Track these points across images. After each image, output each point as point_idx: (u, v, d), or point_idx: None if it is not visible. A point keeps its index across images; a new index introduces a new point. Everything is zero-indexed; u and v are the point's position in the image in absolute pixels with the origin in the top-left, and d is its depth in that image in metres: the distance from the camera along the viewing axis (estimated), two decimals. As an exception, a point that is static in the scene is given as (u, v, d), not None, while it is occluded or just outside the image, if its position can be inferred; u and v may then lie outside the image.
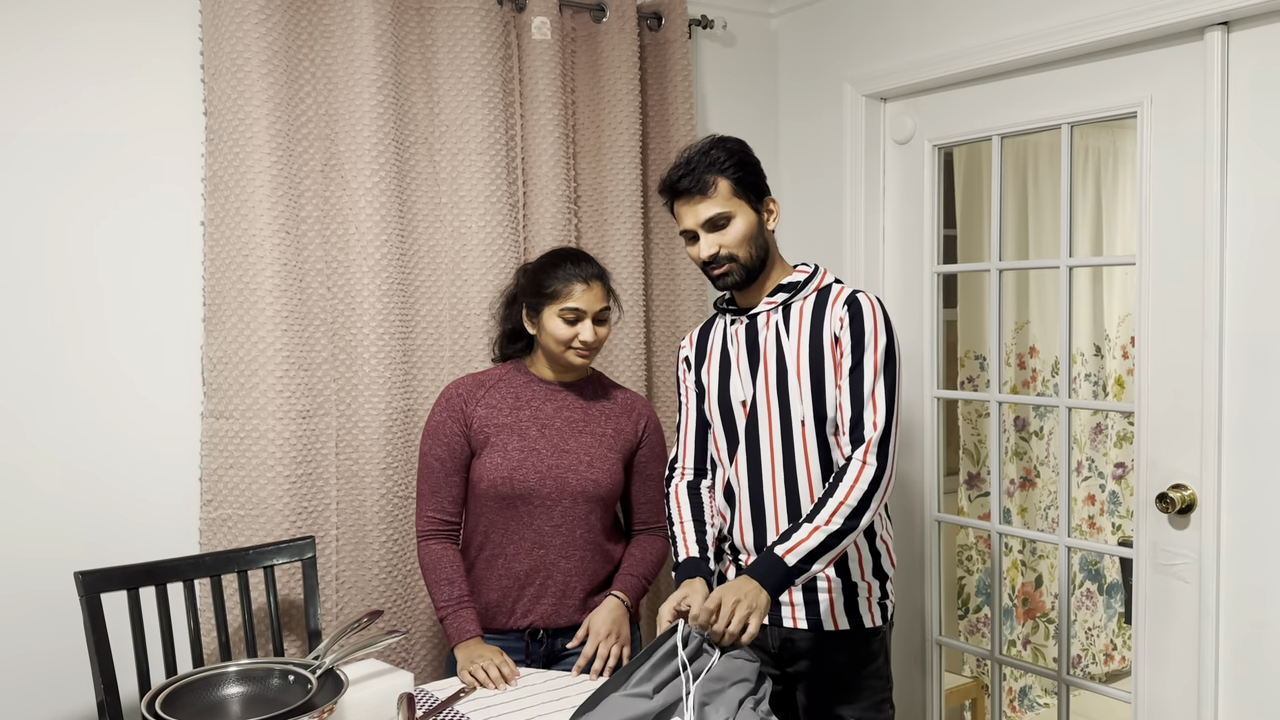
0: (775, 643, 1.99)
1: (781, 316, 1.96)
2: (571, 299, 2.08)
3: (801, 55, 3.10)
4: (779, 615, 1.97)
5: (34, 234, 2.12)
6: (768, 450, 1.95)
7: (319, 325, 2.35)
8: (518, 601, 2.13)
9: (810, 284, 1.97)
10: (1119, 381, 4.05)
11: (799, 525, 1.78)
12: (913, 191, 2.84)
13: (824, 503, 1.79)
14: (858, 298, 1.91)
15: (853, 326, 1.88)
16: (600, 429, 2.18)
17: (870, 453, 1.81)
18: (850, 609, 1.96)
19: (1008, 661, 2.78)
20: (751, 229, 1.92)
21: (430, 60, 2.51)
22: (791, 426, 1.92)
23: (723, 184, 1.90)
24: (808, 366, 1.91)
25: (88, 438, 2.18)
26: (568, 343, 2.09)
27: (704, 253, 1.92)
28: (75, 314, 2.17)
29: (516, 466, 2.09)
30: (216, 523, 2.27)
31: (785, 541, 1.76)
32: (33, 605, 2.13)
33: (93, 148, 2.17)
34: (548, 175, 2.63)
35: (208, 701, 1.64)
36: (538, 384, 2.19)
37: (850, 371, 1.87)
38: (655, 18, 2.84)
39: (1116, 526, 4.06)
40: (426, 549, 2.15)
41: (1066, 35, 2.34)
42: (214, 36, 2.24)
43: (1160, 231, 2.27)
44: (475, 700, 1.89)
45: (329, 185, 2.38)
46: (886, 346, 1.87)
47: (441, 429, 2.15)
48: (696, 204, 1.91)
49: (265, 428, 2.26)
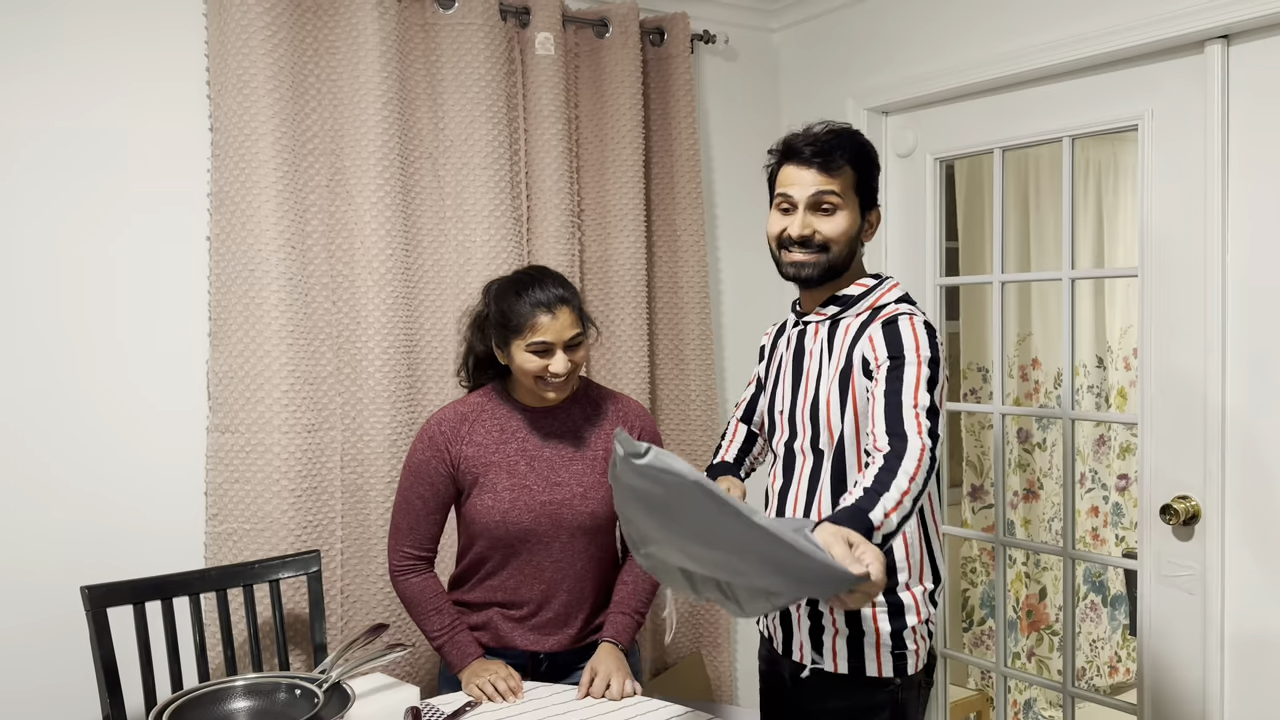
0: (789, 674, 1.84)
1: (827, 334, 1.79)
2: (537, 332, 1.91)
3: (803, 69, 3.11)
4: (790, 645, 1.81)
5: (40, 250, 2.13)
6: (798, 477, 1.81)
7: (324, 340, 2.36)
8: (517, 627, 2.08)
9: (865, 300, 1.77)
10: (1121, 393, 4.05)
11: (886, 485, 1.48)
12: (915, 204, 2.85)
13: (886, 482, 1.49)
14: (896, 315, 1.70)
15: (888, 343, 1.66)
16: (593, 453, 2.06)
17: (924, 434, 1.55)
18: (854, 652, 1.73)
19: (1014, 674, 2.78)
20: (851, 230, 1.74)
21: (435, 75, 2.53)
22: (821, 472, 1.76)
23: (848, 172, 1.73)
24: (838, 403, 1.72)
25: (93, 452, 2.19)
26: (539, 375, 1.95)
27: (797, 229, 1.73)
28: (81, 329, 2.18)
29: (509, 509, 2.00)
30: (221, 537, 2.27)
31: (874, 507, 1.45)
32: (39, 619, 2.13)
33: (99, 163, 2.19)
34: (551, 189, 2.64)
35: (215, 715, 1.64)
36: (522, 411, 2.05)
37: (887, 372, 1.63)
38: (658, 33, 2.86)
39: (1120, 538, 4.06)
40: (407, 584, 2.06)
41: (1068, 49, 2.36)
42: (220, 53, 2.26)
43: (1161, 243, 2.28)
44: (483, 714, 1.89)
45: (334, 200, 2.39)
46: (931, 359, 1.63)
47: (425, 469, 2.03)
48: (814, 174, 1.72)
49: (271, 442, 2.26)
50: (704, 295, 2.91)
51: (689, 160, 2.88)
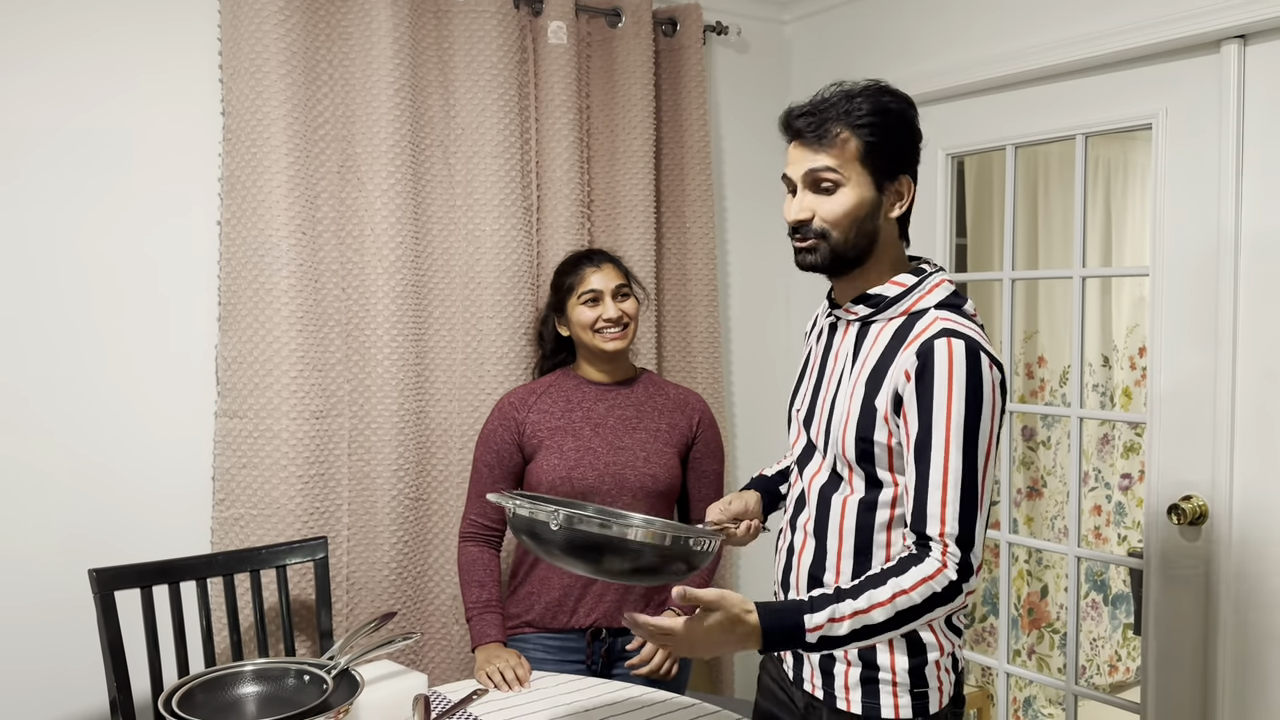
0: (800, 704, 1.62)
1: (855, 337, 1.56)
2: (586, 283, 2.16)
3: (815, 62, 3.10)
4: (801, 674, 1.61)
5: (49, 232, 2.13)
6: (808, 497, 1.60)
7: (333, 326, 2.36)
8: (580, 601, 2.12)
9: (901, 302, 1.52)
10: (1126, 392, 4.05)
11: (840, 597, 1.35)
12: (926, 200, 2.85)
13: (883, 580, 1.36)
14: (934, 344, 1.41)
15: (919, 385, 1.41)
16: (654, 425, 2.19)
17: (950, 557, 1.37)
18: (868, 691, 1.53)
19: (1015, 671, 2.78)
20: (861, 208, 1.49)
21: (447, 63, 2.52)
22: (832, 498, 1.54)
23: (850, 142, 1.48)
24: (854, 433, 1.49)
25: (101, 436, 2.19)
26: (593, 325, 2.14)
27: (792, 213, 1.52)
28: (89, 312, 2.17)
29: (574, 466, 2.10)
30: (228, 522, 2.27)
31: (816, 612, 1.34)
32: (47, 602, 2.13)
33: (109, 146, 2.18)
34: (562, 179, 2.63)
35: (223, 700, 1.64)
36: (588, 386, 2.21)
37: (915, 449, 1.41)
38: (670, 24, 2.85)
39: (1122, 537, 4.06)
40: (465, 550, 2.18)
41: (1083, 46, 2.35)
42: (233, 37, 2.25)
43: (1174, 242, 2.27)
44: (490, 703, 1.89)
45: (345, 187, 2.38)
46: (967, 416, 1.38)
47: (493, 436, 2.18)
48: (806, 150, 1.51)
49: (279, 428, 2.26)
50: (712, 288, 2.91)
51: (699, 152, 2.87)
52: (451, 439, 2.52)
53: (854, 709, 1.53)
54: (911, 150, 1.55)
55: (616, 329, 2.14)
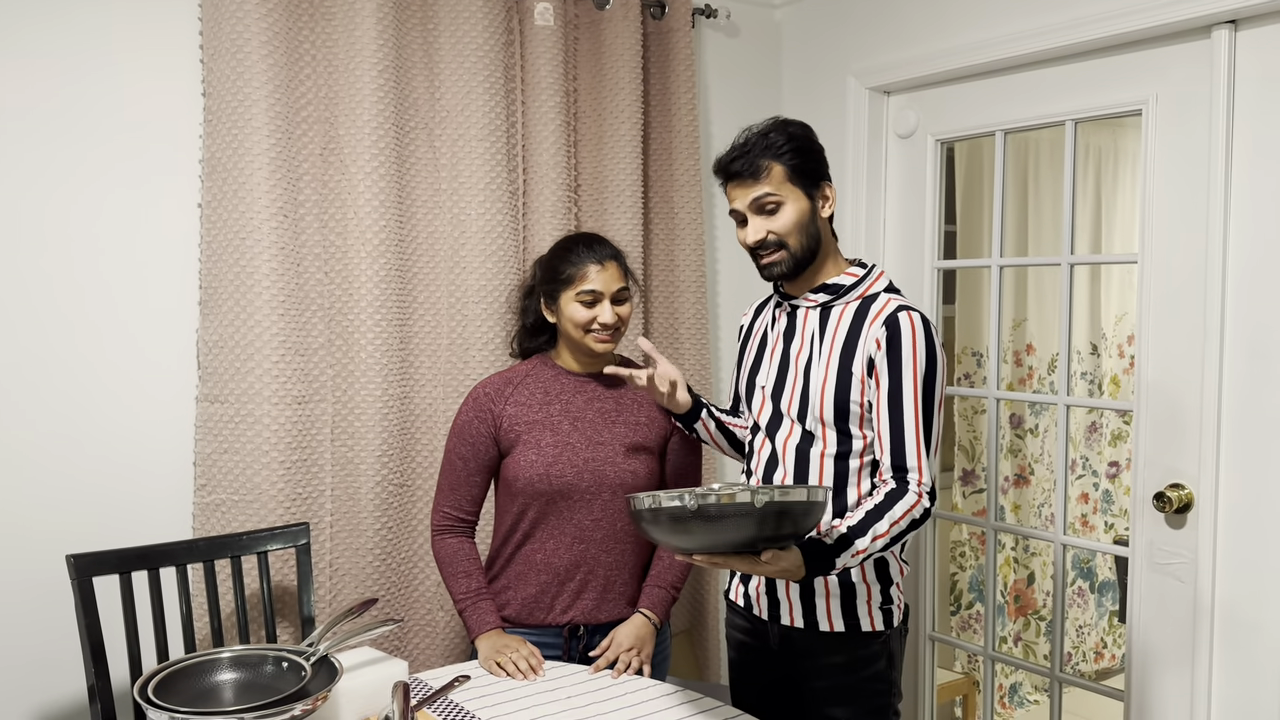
0: (776, 639, 1.94)
1: (819, 320, 1.88)
2: (587, 281, 2.04)
3: (805, 47, 3.08)
4: (778, 611, 1.92)
5: (28, 215, 2.10)
6: (781, 457, 1.90)
7: (316, 310, 2.33)
8: (557, 597, 2.08)
9: (856, 289, 1.87)
10: (1114, 380, 4.05)
11: (852, 537, 1.70)
12: (914, 186, 2.83)
13: (879, 516, 1.72)
14: (898, 317, 1.78)
15: (889, 351, 1.77)
16: (634, 418, 2.13)
17: (923, 488, 1.75)
18: (848, 611, 1.88)
19: (1001, 658, 2.78)
20: (803, 217, 1.84)
21: (432, 44, 2.49)
22: (809, 453, 1.86)
23: (776, 169, 1.83)
24: (832, 395, 1.82)
25: (81, 420, 2.16)
26: (586, 326, 2.05)
27: (751, 237, 1.86)
28: (70, 295, 2.15)
29: (552, 462, 2.04)
30: (210, 508, 2.25)
31: (840, 554, 1.69)
32: (24, 588, 2.11)
33: (88, 128, 2.15)
34: (548, 163, 2.61)
35: (200, 687, 1.62)
36: (566, 377, 2.13)
37: (888, 401, 1.77)
38: (659, 6, 2.82)
39: (1109, 525, 4.07)
40: (443, 543, 2.12)
41: (1073, 31, 2.33)
42: (214, 16, 2.22)
43: (1163, 229, 2.26)
44: (470, 690, 1.88)
45: (328, 169, 2.36)
46: (926, 374, 1.76)
47: (468, 429, 2.10)
48: (746, 186, 1.85)
49: (260, 413, 2.24)
50: (700, 273, 2.89)
51: (688, 137, 2.85)
52: (436, 424, 2.50)
53: (837, 628, 1.88)
54: (822, 161, 1.89)
55: (608, 333, 2.07)
